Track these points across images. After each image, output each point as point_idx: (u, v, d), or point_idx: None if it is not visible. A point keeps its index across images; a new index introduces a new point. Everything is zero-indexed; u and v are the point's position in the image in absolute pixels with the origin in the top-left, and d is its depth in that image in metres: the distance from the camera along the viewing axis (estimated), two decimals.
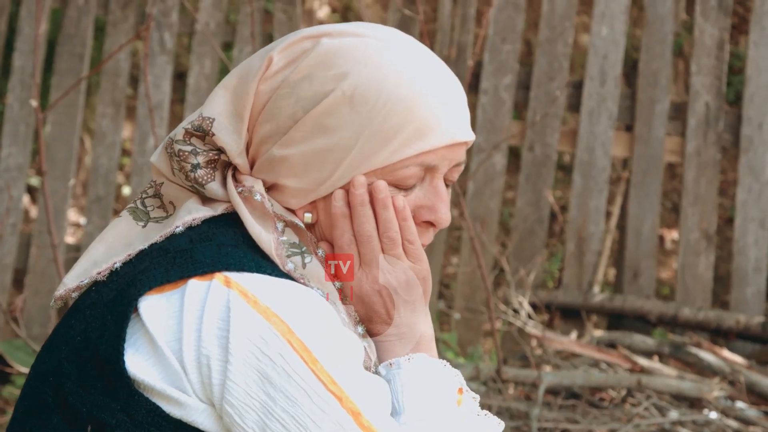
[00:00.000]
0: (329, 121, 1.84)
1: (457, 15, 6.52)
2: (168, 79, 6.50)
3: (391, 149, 1.84)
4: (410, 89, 1.85)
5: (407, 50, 1.89)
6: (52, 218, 4.28)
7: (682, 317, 6.09)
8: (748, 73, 6.35)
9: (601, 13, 6.42)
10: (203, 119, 1.88)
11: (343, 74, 1.84)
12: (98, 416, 1.77)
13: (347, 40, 1.88)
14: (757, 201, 6.28)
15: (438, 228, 1.93)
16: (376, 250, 1.88)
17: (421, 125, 1.84)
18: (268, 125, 1.87)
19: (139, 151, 6.46)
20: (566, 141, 6.44)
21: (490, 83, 6.40)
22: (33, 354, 5.42)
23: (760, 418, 5.22)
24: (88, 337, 1.80)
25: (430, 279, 1.92)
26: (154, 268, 1.80)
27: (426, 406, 1.84)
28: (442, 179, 1.91)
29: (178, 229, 1.86)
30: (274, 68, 1.88)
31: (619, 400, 5.32)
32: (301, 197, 1.88)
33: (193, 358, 1.75)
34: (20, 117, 6.46)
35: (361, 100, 1.84)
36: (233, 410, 1.73)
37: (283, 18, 6.52)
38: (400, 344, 1.90)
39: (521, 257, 6.31)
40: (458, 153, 1.90)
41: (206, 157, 1.88)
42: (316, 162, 1.85)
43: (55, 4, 6.55)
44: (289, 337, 1.73)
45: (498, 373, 5.18)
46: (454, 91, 1.90)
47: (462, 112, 1.90)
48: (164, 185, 1.93)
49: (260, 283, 1.77)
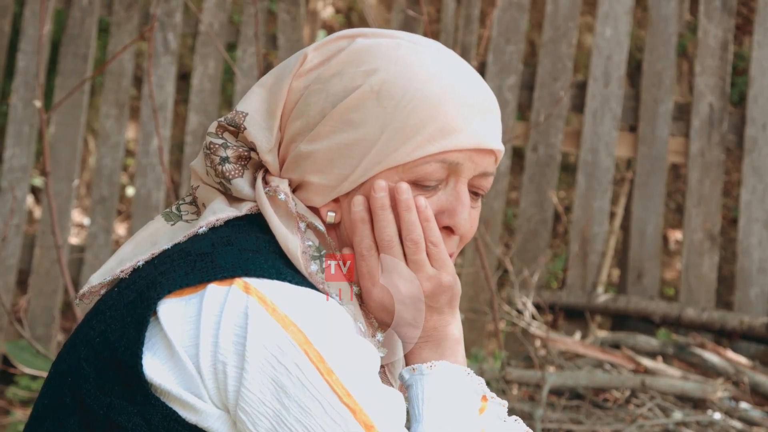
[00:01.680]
0: (355, 116, 1.84)
1: (461, 16, 6.52)
2: (172, 80, 6.50)
3: (413, 145, 1.83)
4: (438, 89, 1.84)
5: (440, 54, 1.90)
6: (56, 219, 4.28)
7: (686, 318, 6.08)
8: (752, 73, 6.35)
9: (604, 14, 6.41)
10: (236, 113, 1.89)
11: (372, 70, 1.85)
12: (114, 419, 1.77)
13: (381, 40, 1.89)
14: (761, 202, 6.28)
15: (458, 234, 1.90)
16: (398, 256, 1.87)
17: (445, 124, 1.84)
18: (298, 122, 1.87)
19: (143, 151, 6.46)
20: (570, 141, 6.44)
21: (494, 84, 6.40)
22: (37, 355, 5.42)
23: (763, 419, 5.21)
24: (107, 339, 1.80)
25: (457, 284, 1.90)
26: (174, 271, 1.80)
27: (445, 415, 1.83)
28: (465, 185, 1.89)
29: (202, 229, 1.86)
30: (308, 65, 1.89)
31: (623, 401, 5.32)
32: (325, 194, 1.87)
33: (209, 364, 1.74)
34: (24, 118, 6.46)
35: (387, 96, 1.84)
36: (246, 417, 1.73)
37: (287, 18, 6.53)
38: (426, 348, 1.89)
39: (525, 258, 6.31)
40: (484, 160, 1.88)
41: (236, 152, 1.89)
42: (340, 157, 1.85)
43: (58, 5, 6.55)
44: (306, 347, 1.72)
45: (502, 373, 5.18)
46: (485, 98, 1.89)
47: (491, 120, 1.88)
48: (199, 188, 1.93)
49: (280, 290, 1.76)
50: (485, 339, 6.39)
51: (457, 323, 1.92)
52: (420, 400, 1.84)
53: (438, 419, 1.82)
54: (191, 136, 6.49)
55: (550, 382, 5.14)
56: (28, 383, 5.84)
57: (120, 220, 8.05)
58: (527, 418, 4.99)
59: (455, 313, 1.91)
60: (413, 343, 1.89)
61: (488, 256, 6.20)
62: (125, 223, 8.06)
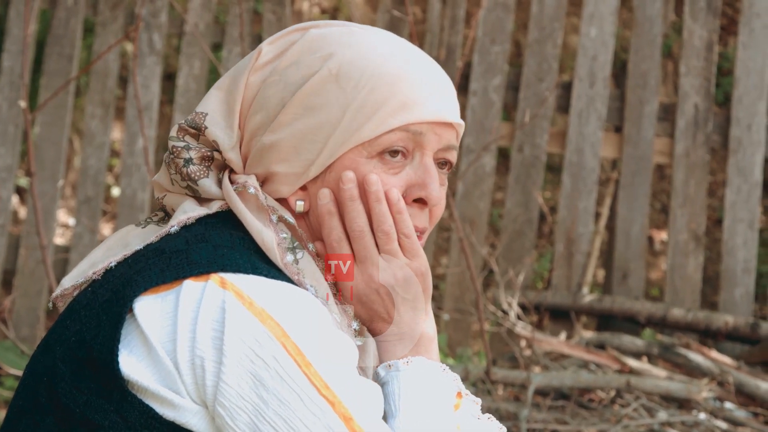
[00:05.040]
0: (316, 100, 1.86)
1: (447, 16, 6.52)
2: (157, 80, 6.49)
3: (376, 121, 1.85)
4: (394, 67, 1.87)
5: (390, 37, 1.93)
6: (41, 219, 4.27)
7: (671, 318, 6.10)
8: (737, 74, 6.37)
9: (590, 15, 6.42)
10: (196, 114, 1.91)
11: (328, 55, 1.88)
12: (91, 417, 1.76)
13: (334, 29, 1.92)
14: (745, 202, 6.29)
15: (430, 206, 1.92)
16: (369, 246, 1.88)
17: (405, 99, 1.86)
18: (258, 116, 1.89)
19: (128, 152, 6.45)
20: (555, 142, 6.45)
21: (480, 84, 6.41)
22: (21, 355, 5.41)
23: (748, 419, 5.23)
24: (82, 338, 1.79)
25: (429, 275, 1.92)
26: (149, 269, 1.80)
27: (421, 410, 1.84)
28: (431, 158, 1.91)
29: (173, 228, 1.86)
30: (263, 59, 1.91)
31: (608, 401, 5.32)
32: (292, 183, 1.89)
33: (187, 359, 1.74)
34: (9, 118, 6.45)
35: (346, 77, 1.86)
36: (225, 412, 1.73)
37: (273, 19, 6.52)
38: (400, 344, 1.90)
39: (510, 258, 6.32)
40: (447, 132, 1.91)
41: (199, 152, 1.90)
42: (304, 142, 1.87)
43: (43, 5, 6.54)
44: (283, 341, 1.73)
45: (487, 374, 5.18)
46: (439, 75, 1.92)
47: (448, 94, 1.92)
48: (167, 196, 1.94)
49: (256, 284, 1.76)
50: (470, 339, 6.40)
51: (431, 320, 1.93)
52: (396, 395, 1.85)
53: (414, 414, 1.83)
54: None
55: (535, 382, 5.14)
56: (12, 384, 5.82)
57: (105, 220, 8.03)
58: (513, 418, 4.99)
59: (428, 310, 1.92)
60: (388, 341, 1.90)
61: (473, 256, 6.21)
62: (110, 224, 8.05)
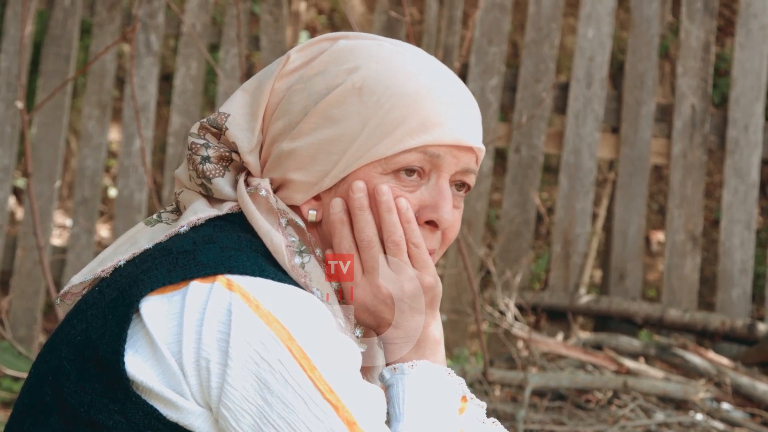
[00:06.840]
0: (337, 112, 1.86)
1: (444, 17, 6.52)
2: (154, 81, 6.49)
3: (394, 139, 1.85)
4: (418, 86, 1.86)
5: (421, 56, 1.92)
6: (38, 220, 4.27)
7: (668, 319, 6.10)
8: (734, 75, 6.37)
9: (587, 15, 6.43)
10: (219, 114, 1.91)
11: (354, 68, 1.87)
12: (95, 417, 1.76)
13: (363, 41, 1.92)
14: (742, 203, 6.29)
15: (442, 229, 1.91)
16: (377, 256, 1.87)
17: (426, 119, 1.85)
18: (280, 122, 1.89)
19: (126, 152, 6.45)
20: (552, 143, 6.45)
21: (477, 85, 6.41)
22: (18, 356, 5.41)
23: (745, 420, 5.23)
24: (88, 337, 1.79)
25: (439, 286, 1.90)
26: (156, 269, 1.80)
27: (425, 415, 1.83)
28: (447, 180, 1.89)
29: (183, 228, 1.86)
30: (290, 66, 1.91)
31: (605, 402, 5.33)
32: (306, 191, 1.88)
33: (192, 361, 1.74)
34: (6, 118, 6.44)
35: (369, 92, 1.85)
36: (229, 414, 1.73)
37: (270, 20, 6.52)
38: (406, 347, 1.89)
39: (507, 259, 6.32)
40: (465, 156, 1.90)
41: (217, 152, 1.90)
42: (322, 152, 1.86)
43: (41, 6, 6.54)
44: (289, 344, 1.73)
45: (484, 374, 5.18)
46: (465, 98, 1.91)
47: (471, 118, 1.90)
48: (182, 193, 1.94)
49: (263, 287, 1.76)
50: (468, 340, 6.40)
51: (438, 324, 1.92)
52: (401, 399, 1.85)
53: (419, 418, 1.83)
54: (174, 137, 6.48)
55: (532, 383, 5.15)
56: (9, 384, 5.82)
57: (102, 221, 8.03)
58: (510, 419, 4.99)
59: (435, 314, 1.92)
60: (394, 344, 1.89)
61: (471, 257, 6.21)
62: (107, 225, 8.05)
